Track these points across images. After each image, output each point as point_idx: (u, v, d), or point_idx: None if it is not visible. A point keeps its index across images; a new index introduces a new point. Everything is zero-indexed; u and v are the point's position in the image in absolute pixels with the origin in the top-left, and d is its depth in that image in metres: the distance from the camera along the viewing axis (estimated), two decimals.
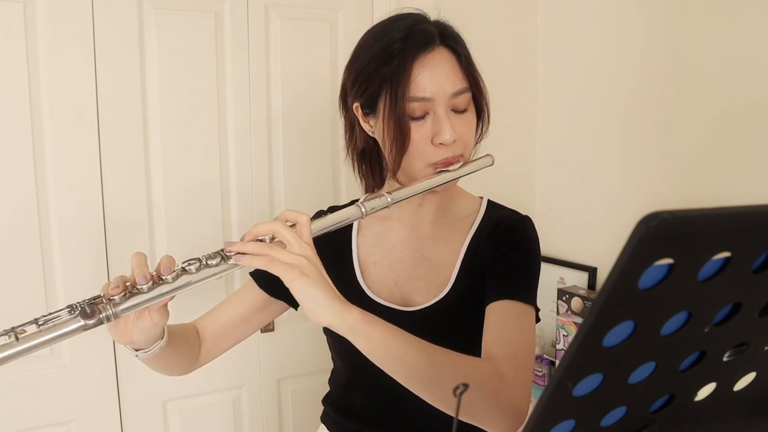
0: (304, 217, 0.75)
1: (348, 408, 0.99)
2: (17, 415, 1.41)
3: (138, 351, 0.81)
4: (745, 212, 0.34)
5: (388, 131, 0.84)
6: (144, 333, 0.77)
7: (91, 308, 0.69)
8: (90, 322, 0.68)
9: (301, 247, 0.72)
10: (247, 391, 1.69)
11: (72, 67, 1.40)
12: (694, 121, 1.49)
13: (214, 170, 1.58)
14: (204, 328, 0.97)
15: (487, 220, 0.95)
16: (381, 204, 0.81)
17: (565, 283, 1.85)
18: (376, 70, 0.84)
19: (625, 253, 0.32)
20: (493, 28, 1.86)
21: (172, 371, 0.93)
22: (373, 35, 0.88)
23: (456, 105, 0.85)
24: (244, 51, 1.58)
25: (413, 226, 0.96)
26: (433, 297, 0.91)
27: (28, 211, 1.39)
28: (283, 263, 0.71)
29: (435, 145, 0.84)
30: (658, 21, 1.56)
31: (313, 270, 0.72)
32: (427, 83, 0.82)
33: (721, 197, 1.43)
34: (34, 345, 0.66)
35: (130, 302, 0.71)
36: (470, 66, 0.87)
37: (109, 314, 0.70)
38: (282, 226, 0.73)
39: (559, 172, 1.91)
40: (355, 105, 0.90)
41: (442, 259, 0.94)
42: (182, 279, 0.72)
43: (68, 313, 0.69)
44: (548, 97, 1.93)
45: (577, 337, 0.35)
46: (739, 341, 0.43)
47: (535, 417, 0.38)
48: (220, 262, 0.73)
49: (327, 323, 0.72)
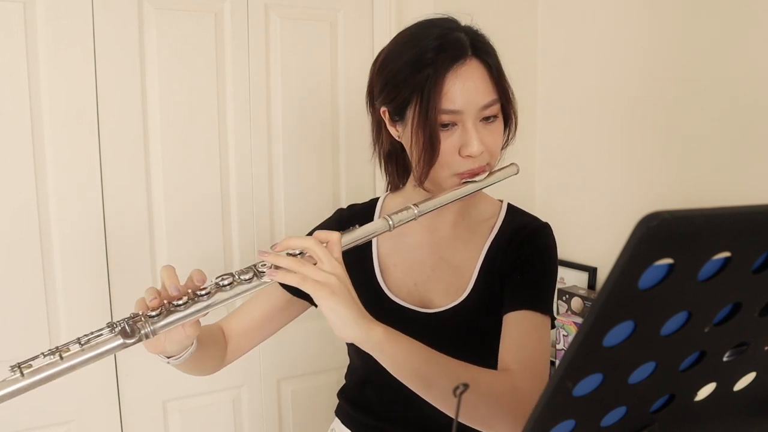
0: (336, 236, 0.77)
1: (363, 403, 1.01)
2: (17, 415, 1.41)
3: (170, 358, 0.84)
4: (745, 212, 0.34)
5: (416, 141, 0.84)
6: (176, 344, 0.80)
7: (131, 327, 0.72)
8: (130, 341, 0.72)
9: (331, 265, 0.74)
10: (247, 391, 1.69)
11: (72, 67, 1.40)
12: (694, 121, 1.49)
13: (214, 170, 1.58)
14: (229, 328, 1.00)
15: (507, 224, 0.96)
16: (408, 217, 0.83)
17: (565, 283, 1.85)
18: (406, 78, 0.84)
19: (625, 253, 0.32)
20: (493, 28, 1.85)
21: (201, 372, 0.97)
22: (405, 42, 0.87)
23: (485, 116, 0.85)
24: (244, 51, 1.58)
25: (433, 228, 0.97)
26: (452, 300, 0.92)
27: (28, 211, 1.39)
28: (315, 281, 0.73)
29: (462, 156, 0.85)
30: (658, 21, 1.56)
31: (342, 289, 0.74)
32: (458, 96, 0.82)
33: (721, 197, 1.43)
34: (77, 363, 0.71)
35: (167, 320, 0.74)
36: (500, 77, 0.87)
37: (147, 332, 0.73)
38: (315, 243, 0.75)
39: (559, 172, 1.91)
40: (382, 110, 0.90)
41: (462, 262, 0.95)
42: (217, 296, 0.75)
43: (109, 332, 0.73)
44: (548, 97, 1.93)
45: (577, 337, 0.35)
46: (739, 341, 0.43)
47: (535, 417, 0.38)
48: (253, 278, 0.76)
49: (352, 340, 0.75)
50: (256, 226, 1.64)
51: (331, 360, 1.75)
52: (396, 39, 0.89)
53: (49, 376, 0.70)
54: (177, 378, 1.59)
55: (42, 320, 1.42)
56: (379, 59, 0.91)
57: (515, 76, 2.08)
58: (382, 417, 0.98)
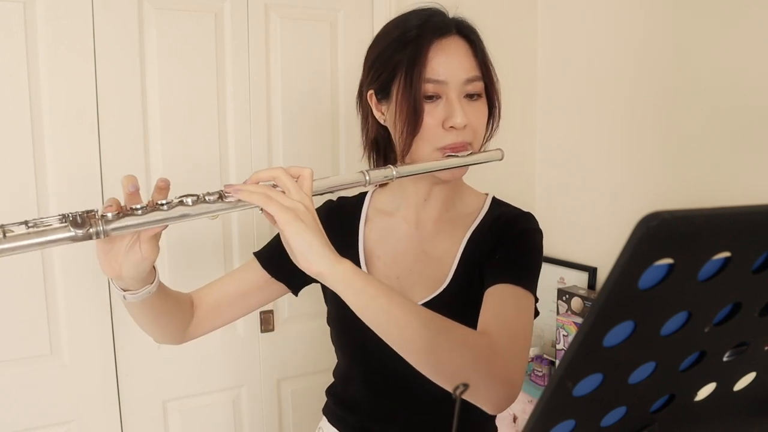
0: (308, 171, 0.75)
1: (347, 401, 1.00)
2: (17, 415, 1.41)
3: (126, 292, 0.80)
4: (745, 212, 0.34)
5: (400, 113, 0.85)
6: (133, 267, 0.75)
7: (82, 219, 0.67)
8: (79, 232, 0.66)
9: (299, 195, 0.72)
10: (247, 391, 1.69)
11: (72, 67, 1.40)
12: (693, 121, 1.49)
13: (214, 170, 1.58)
14: (200, 298, 0.95)
15: (490, 216, 0.96)
16: (386, 174, 0.80)
17: (565, 283, 1.85)
18: (390, 56, 0.85)
19: (625, 253, 0.32)
20: (493, 28, 1.85)
21: (159, 331, 0.91)
22: (391, 26, 0.90)
23: (468, 91, 0.86)
24: (244, 51, 1.58)
25: (417, 221, 0.97)
26: (432, 292, 0.92)
27: (28, 211, 1.39)
28: (280, 204, 0.70)
29: (446, 128, 0.85)
30: (657, 21, 1.56)
31: (309, 216, 0.71)
32: (441, 67, 0.83)
33: (721, 197, 1.43)
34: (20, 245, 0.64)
35: (121, 222, 0.69)
36: (484, 57, 0.89)
37: (99, 230, 0.68)
38: (283, 173, 0.73)
39: (559, 172, 1.91)
40: (369, 93, 0.91)
41: (442, 254, 0.95)
42: (178, 209, 0.71)
43: (59, 221, 0.67)
44: (548, 97, 1.93)
45: (577, 337, 0.35)
46: (739, 341, 0.43)
47: (535, 417, 0.38)
48: (218, 200, 0.73)
49: (317, 271, 0.71)
50: (256, 225, 1.64)
51: (330, 360, 1.74)
52: (383, 27, 0.91)
53: None
54: (177, 378, 1.59)
55: (42, 320, 1.42)
56: (368, 49, 0.92)
57: (515, 76, 2.09)
58: (367, 415, 0.97)
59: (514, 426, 1.84)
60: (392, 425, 0.96)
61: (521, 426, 1.81)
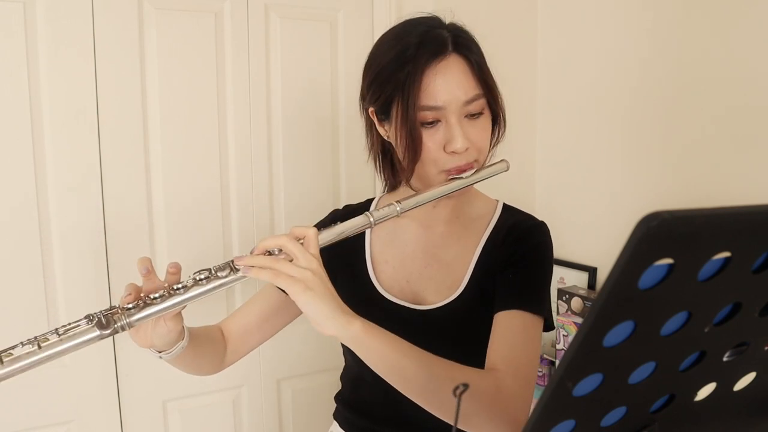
0: (312, 231, 0.77)
1: (358, 405, 1.00)
2: (17, 415, 1.41)
3: (161, 353, 0.85)
4: (745, 212, 0.34)
5: (400, 139, 0.84)
6: (162, 338, 0.82)
7: (106, 319, 0.74)
8: (105, 332, 0.74)
9: (306, 260, 0.74)
10: (247, 391, 1.69)
11: (72, 67, 1.40)
12: (693, 121, 1.49)
13: (214, 170, 1.58)
14: (228, 329, 1.00)
15: (502, 223, 0.95)
16: (390, 213, 0.82)
17: (565, 283, 1.85)
18: (389, 76, 0.84)
19: (625, 253, 0.32)
20: (493, 28, 1.86)
21: (199, 370, 0.98)
22: (388, 41, 0.87)
23: (469, 111, 0.84)
24: (244, 51, 1.58)
25: (426, 225, 0.97)
26: (445, 297, 0.92)
27: (28, 211, 1.39)
28: (288, 276, 0.73)
29: (447, 153, 0.84)
30: (657, 21, 1.56)
31: (317, 283, 0.73)
32: (438, 91, 0.82)
33: (721, 197, 1.43)
34: (55, 353, 0.73)
35: (143, 313, 0.76)
36: (483, 72, 0.86)
37: (123, 324, 0.75)
38: (288, 240, 0.75)
39: (559, 172, 1.91)
40: (370, 110, 0.91)
41: (455, 259, 0.94)
42: (193, 290, 0.77)
43: (86, 323, 0.74)
44: (548, 97, 1.93)
45: (577, 337, 0.35)
46: (739, 341, 0.43)
47: (535, 417, 0.38)
48: (229, 274, 0.77)
49: (330, 334, 0.74)
50: (256, 226, 1.64)
51: (331, 360, 1.75)
52: (381, 39, 0.90)
53: (28, 365, 0.73)
54: (177, 378, 1.59)
55: (42, 320, 1.42)
56: (367, 60, 0.91)
57: (515, 76, 2.09)
58: (378, 418, 0.97)
59: None
60: (404, 428, 0.95)
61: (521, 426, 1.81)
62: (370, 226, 0.81)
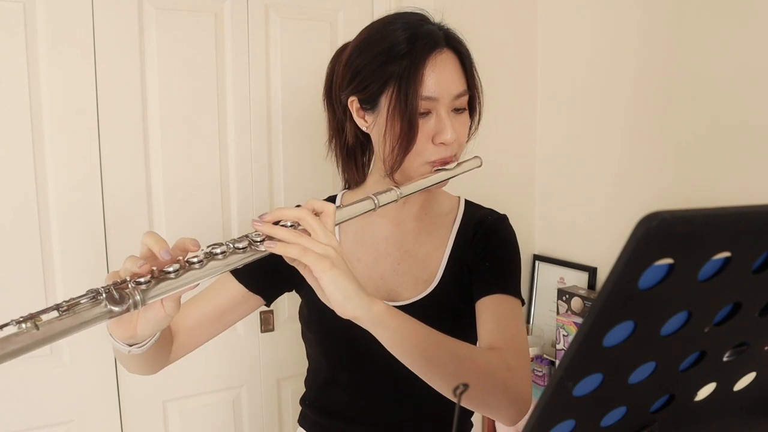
0: (331, 207, 0.74)
1: (329, 407, 0.99)
2: (17, 415, 1.41)
3: (133, 346, 0.76)
4: (745, 212, 0.34)
5: (392, 128, 0.85)
6: (153, 325, 0.71)
7: (119, 293, 0.62)
8: (117, 308, 0.61)
9: (326, 236, 0.71)
10: (247, 391, 1.69)
11: (72, 67, 1.40)
12: (693, 121, 1.49)
13: (214, 170, 1.58)
14: (177, 323, 0.92)
15: (469, 218, 0.99)
16: (392, 198, 0.82)
17: (565, 283, 1.85)
18: (380, 67, 0.84)
19: (625, 253, 0.32)
20: (493, 28, 1.86)
21: (148, 369, 0.88)
22: (375, 34, 0.88)
23: (456, 106, 0.87)
24: (244, 51, 1.58)
25: (397, 221, 0.97)
26: (421, 292, 0.93)
27: (28, 211, 1.39)
28: (316, 254, 0.69)
29: (435, 144, 0.86)
30: (656, 21, 1.56)
31: (341, 261, 0.71)
32: (435, 83, 0.84)
33: (721, 197, 1.43)
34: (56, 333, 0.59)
35: (158, 288, 0.64)
36: (472, 68, 0.90)
37: (137, 300, 0.63)
38: (308, 214, 0.72)
39: (559, 172, 1.91)
40: (351, 99, 0.90)
41: (427, 254, 0.96)
42: (210, 265, 0.67)
43: (91, 299, 0.62)
44: (548, 97, 1.93)
45: (577, 337, 0.35)
46: (739, 341, 0.43)
47: (535, 417, 0.38)
48: (247, 248, 0.69)
49: (353, 315, 0.71)
50: None
51: None
52: (365, 31, 0.90)
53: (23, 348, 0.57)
54: (177, 378, 1.59)
55: None
56: (346, 52, 0.91)
57: (515, 76, 2.09)
58: (352, 420, 0.96)
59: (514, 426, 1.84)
60: (380, 427, 0.95)
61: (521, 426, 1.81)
62: (375, 208, 0.80)
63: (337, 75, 0.93)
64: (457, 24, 0.91)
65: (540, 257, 1.96)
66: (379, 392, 0.94)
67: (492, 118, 0.95)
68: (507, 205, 1.05)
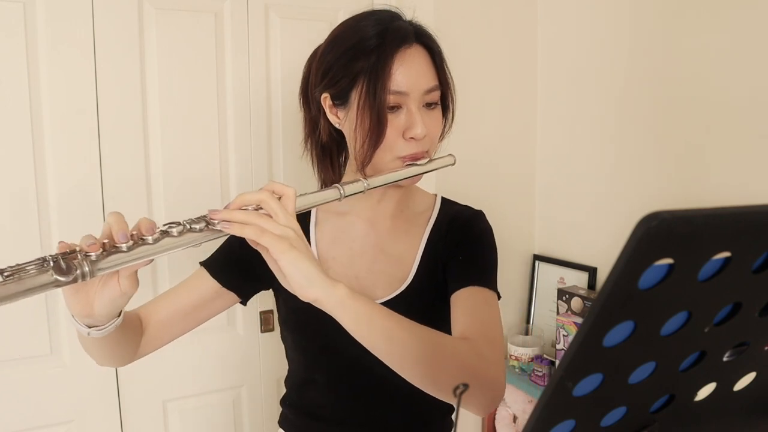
0: (291, 191, 0.74)
1: (307, 407, 0.98)
2: (17, 415, 1.41)
3: (92, 328, 0.75)
4: (745, 212, 0.34)
5: (362, 123, 0.85)
6: (109, 304, 0.71)
7: (66, 263, 0.61)
8: (63, 278, 0.61)
9: (286, 218, 0.71)
10: (247, 391, 1.69)
11: (72, 67, 1.40)
12: (693, 121, 1.49)
13: (214, 170, 1.58)
14: (148, 316, 0.91)
15: (444, 214, 0.98)
16: (358, 189, 0.81)
17: (565, 283, 1.85)
18: (349, 62, 0.85)
19: (625, 253, 0.32)
20: (493, 28, 1.86)
21: (113, 359, 0.87)
22: (346, 30, 0.90)
23: (427, 101, 0.87)
24: (244, 51, 1.58)
25: (372, 221, 0.97)
26: (395, 290, 0.93)
27: (28, 210, 1.39)
28: (273, 234, 0.68)
29: (406, 139, 0.86)
30: (655, 22, 1.56)
31: (300, 243, 0.70)
32: (404, 78, 0.84)
33: (721, 197, 1.43)
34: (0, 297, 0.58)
35: (108, 260, 0.64)
36: (443, 65, 0.90)
37: (85, 271, 0.63)
38: (269, 197, 0.71)
39: (559, 172, 1.91)
40: (323, 95, 0.90)
41: (402, 253, 0.95)
42: (164, 242, 0.68)
43: (38, 267, 0.62)
44: (548, 97, 1.93)
45: (577, 337, 0.35)
46: (739, 341, 0.43)
47: (535, 417, 0.38)
48: (205, 228, 0.69)
49: (314, 298, 0.70)
50: None
51: None
52: (337, 28, 0.92)
53: None
54: (177, 378, 1.59)
55: (42, 320, 1.42)
56: (318, 51, 0.93)
57: (515, 76, 2.09)
58: (329, 419, 0.96)
59: (514, 426, 1.84)
60: (360, 428, 0.95)
61: (521, 426, 1.81)
62: (340, 198, 0.79)
63: (312, 73, 0.94)
64: (456, 23, 0.91)
65: (540, 257, 1.96)
66: (356, 392, 0.93)
67: (492, 118, 0.95)
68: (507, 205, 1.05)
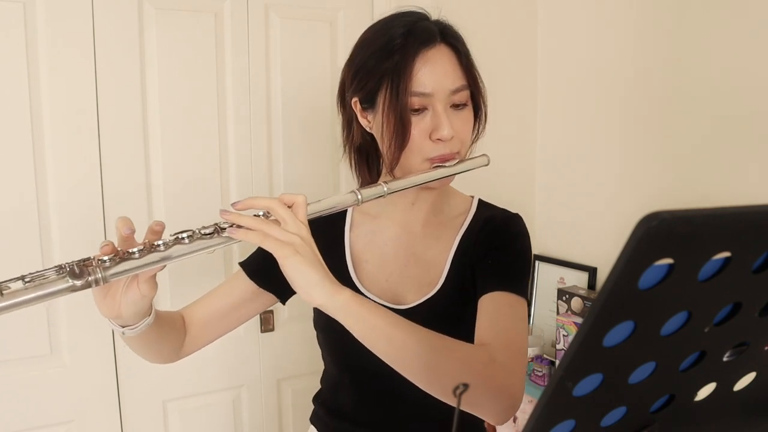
0: (301, 198, 0.75)
1: (337, 408, 0.99)
2: (17, 415, 1.41)
3: (125, 328, 0.80)
4: (745, 212, 0.34)
5: (387, 125, 0.84)
6: (132, 306, 0.76)
7: (80, 269, 0.67)
8: (78, 282, 0.66)
9: (296, 225, 0.72)
10: (247, 391, 1.69)
11: (72, 67, 1.40)
12: (693, 121, 1.49)
13: (214, 170, 1.58)
14: (190, 316, 0.95)
15: (478, 218, 0.96)
16: (377, 192, 0.80)
17: (565, 283, 1.85)
18: (376, 65, 0.85)
19: (625, 253, 0.32)
20: (493, 28, 1.86)
21: (157, 356, 0.92)
22: (374, 32, 0.88)
23: (454, 102, 0.85)
24: (244, 51, 1.58)
25: (405, 224, 0.97)
26: (424, 295, 0.92)
27: (28, 210, 1.39)
28: (277, 240, 0.70)
29: (433, 140, 0.85)
30: (656, 22, 1.56)
31: (306, 249, 0.71)
32: (427, 79, 0.83)
33: (721, 197, 1.43)
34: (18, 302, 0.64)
35: (120, 267, 0.69)
36: (470, 64, 0.88)
37: (98, 277, 0.68)
38: (278, 204, 0.73)
39: (559, 172, 1.91)
40: (354, 100, 0.90)
41: (433, 257, 0.95)
42: (175, 248, 0.71)
43: (56, 273, 0.67)
44: (548, 97, 1.93)
45: (577, 337, 0.35)
46: (739, 341, 0.43)
47: (535, 417, 0.38)
48: (214, 235, 0.72)
49: (318, 303, 0.72)
50: None
51: None
52: (366, 31, 0.91)
53: None
54: (177, 378, 1.59)
55: (42, 320, 1.42)
56: (351, 53, 0.92)
57: (515, 76, 2.08)
58: (358, 421, 0.96)
59: (514, 426, 1.84)
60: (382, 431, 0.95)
61: (521, 426, 1.81)
62: (357, 203, 0.79)
63: (344, 78, 0.93)
64: (456, 23, 0.91)
65: (540, 257, 1.96)
66: (380, 396, 0.93)
67: (492, 118, 0.94)
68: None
